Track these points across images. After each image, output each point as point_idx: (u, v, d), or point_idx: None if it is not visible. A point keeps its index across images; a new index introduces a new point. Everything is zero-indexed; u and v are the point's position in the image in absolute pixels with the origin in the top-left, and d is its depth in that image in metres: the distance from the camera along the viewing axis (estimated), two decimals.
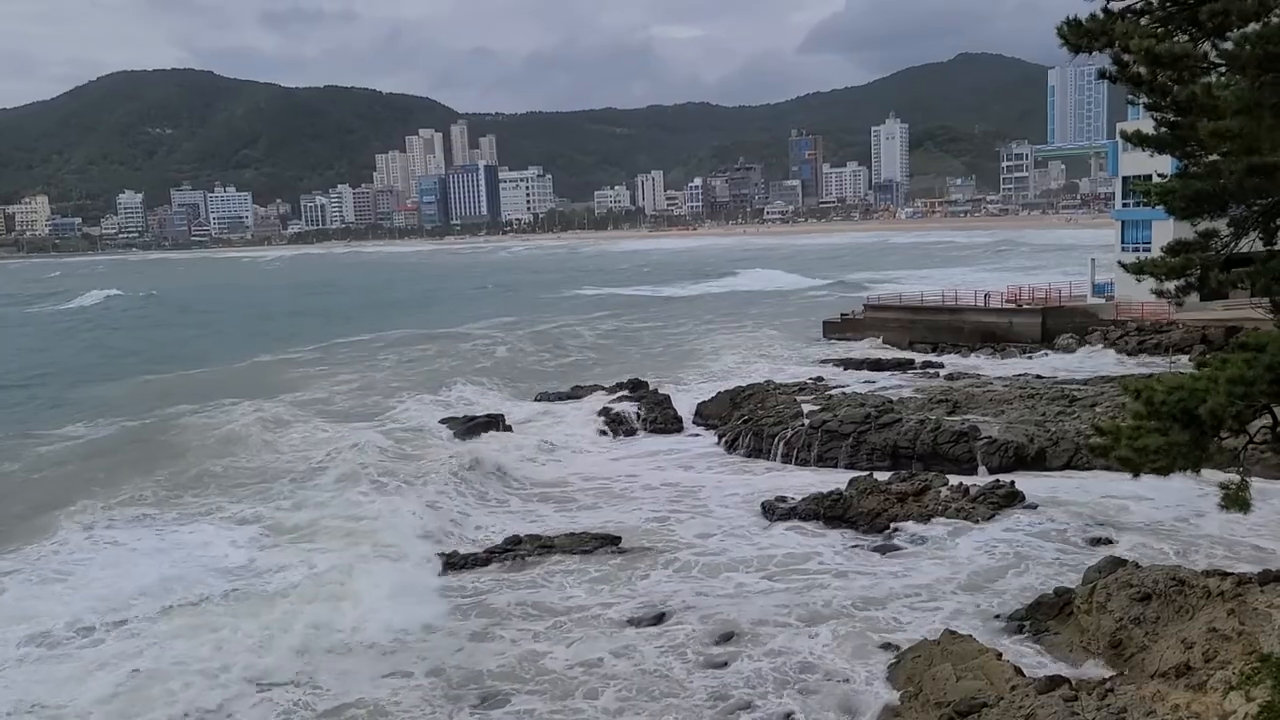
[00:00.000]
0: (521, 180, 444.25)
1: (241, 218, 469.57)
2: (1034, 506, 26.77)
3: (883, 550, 25.05)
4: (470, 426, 39.99)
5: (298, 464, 35.09)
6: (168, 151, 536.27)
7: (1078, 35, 13.02)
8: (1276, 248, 14.08)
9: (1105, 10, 12.86)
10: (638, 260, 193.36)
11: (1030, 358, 50.38)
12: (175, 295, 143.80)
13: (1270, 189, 12.83)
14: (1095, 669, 17.00)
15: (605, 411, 41.55)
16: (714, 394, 43.23)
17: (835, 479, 30.01)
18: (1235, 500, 12.36)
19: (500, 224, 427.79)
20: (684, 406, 42.65)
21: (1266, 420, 13.19)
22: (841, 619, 20.62)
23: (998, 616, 20.22)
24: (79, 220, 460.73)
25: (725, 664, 18.85)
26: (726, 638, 19.90)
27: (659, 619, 21.10)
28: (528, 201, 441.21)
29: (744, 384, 44.19)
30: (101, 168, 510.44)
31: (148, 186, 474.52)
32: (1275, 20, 10.71)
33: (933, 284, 74.63)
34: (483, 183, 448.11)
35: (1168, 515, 25.48)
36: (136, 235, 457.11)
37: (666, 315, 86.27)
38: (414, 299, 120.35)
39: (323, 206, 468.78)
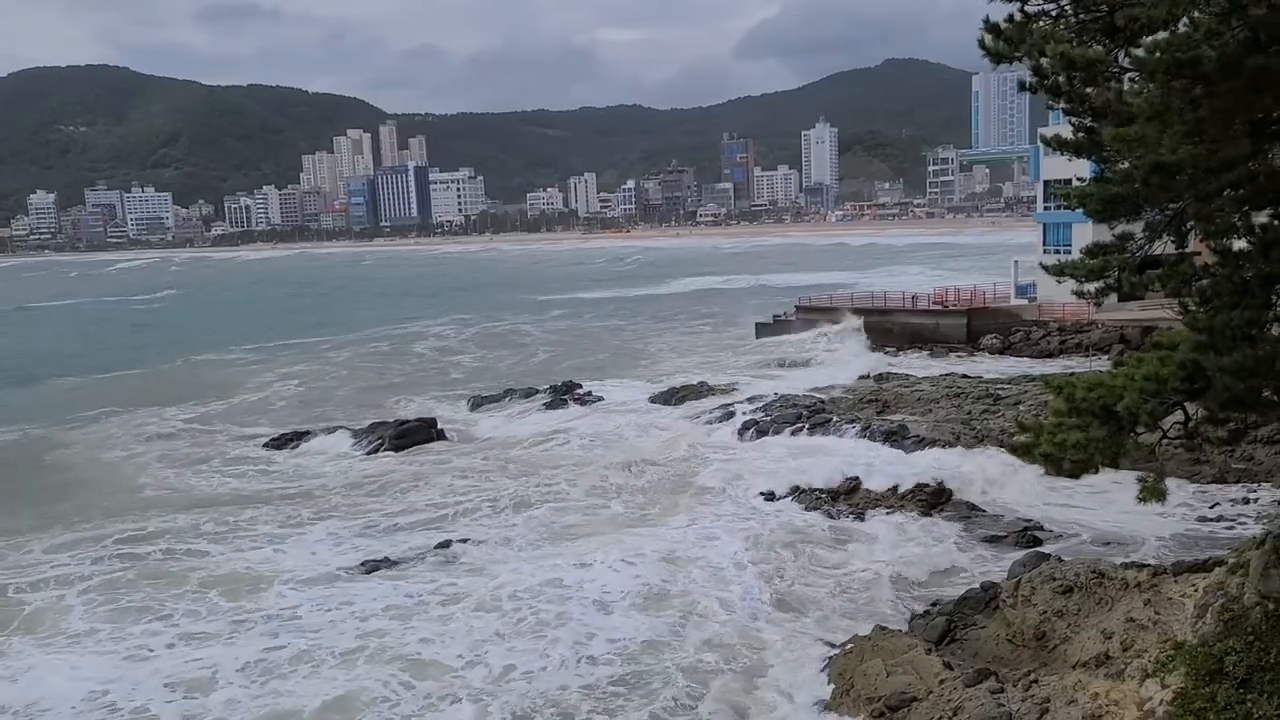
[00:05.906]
0: (452, 182, 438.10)
1: (161, 219, 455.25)
2: (961, 504, 27.33)
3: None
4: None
5: None
6: (81, 150, 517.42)
7: (997, 41, 13.26)
8: (1186, 251, 14.54)
9: (1023, 13, 13.13)
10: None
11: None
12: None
13: (1175, 191, 13.18)
14: (1020, 662, 17.38)
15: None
16: (648, 394, 43.30)
17: None
18: (1152, 491, 12.73)
19: (431, 226, 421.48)
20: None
21: (1179, 416, 13.62)
22: (772, 616, 20.78)
23: (926, 612, 20.54)
24: None
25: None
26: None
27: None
28: (459, 203, 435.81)
29: (678, 385, 44.33)
30: (12, 166, 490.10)
31: (60, 186, 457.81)
32: (1184, 29, 11.05)
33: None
34: (413, 184, 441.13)
35: (1089, 510, 26.23)
36: (49, 236, 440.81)
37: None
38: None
39: (247, 208, 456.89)
